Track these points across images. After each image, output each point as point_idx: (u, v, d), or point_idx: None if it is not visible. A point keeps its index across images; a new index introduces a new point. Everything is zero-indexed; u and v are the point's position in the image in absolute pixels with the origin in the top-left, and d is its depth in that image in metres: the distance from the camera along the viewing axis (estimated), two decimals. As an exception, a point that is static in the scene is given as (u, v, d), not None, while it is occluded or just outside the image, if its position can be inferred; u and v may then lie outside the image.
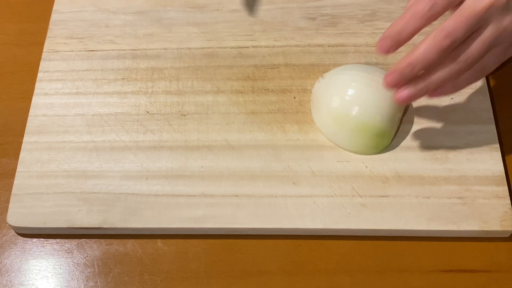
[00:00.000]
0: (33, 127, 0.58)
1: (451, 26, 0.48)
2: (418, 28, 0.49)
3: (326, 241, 0.53)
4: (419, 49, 0.49)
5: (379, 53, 0.49)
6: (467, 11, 0.48)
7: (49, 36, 0.63)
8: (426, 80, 0.50)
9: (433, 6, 0.48)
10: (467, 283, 0.52)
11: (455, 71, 0.50)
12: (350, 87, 0.55)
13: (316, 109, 0.57)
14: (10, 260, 0.53)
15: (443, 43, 0.48)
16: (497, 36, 0.49)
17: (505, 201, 0.53)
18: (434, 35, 0.48)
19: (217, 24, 0.64)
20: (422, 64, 0.49)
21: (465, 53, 0.49)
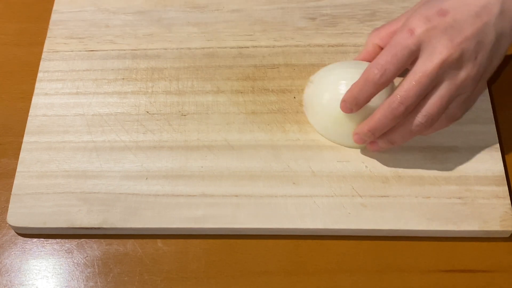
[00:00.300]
0: (33, 127, 0.58)
1: (403, 92, 0.50)
2: (372, 94, 0.51)
3: (326, 241, 0.53)
4: (376, 117, 0.51)
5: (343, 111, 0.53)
6: (418, 75, 0.49)
7: (49, 36, 0.63)
8: (391, 138, 0.53)
9: (384, 73, 0.50)
10: (467, 283, 0.52)
11: (417, 129, 0.51)
12: (341, 84, 0.55)
13: (312, 112, 0.57)
14: (10, 260, 0.53)
15: (397, 111, 0.50)
16: (454, 90, 0.50)
17: (505, 201, 0.53)
18: (388, 103, 0.50)
19: (217, 24, 0.64)
20: (381, 130, 0.52)
21: (424, 111, 0.50)
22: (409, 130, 0.52)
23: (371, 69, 0.50)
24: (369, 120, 0.52)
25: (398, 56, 0.49)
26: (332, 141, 0.57)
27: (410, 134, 0.52)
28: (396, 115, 0.50)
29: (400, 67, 0.50)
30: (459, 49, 0.48)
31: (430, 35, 0.49)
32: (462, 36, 0.48)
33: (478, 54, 0.49)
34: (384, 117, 0.51)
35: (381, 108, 0.51)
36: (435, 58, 0.48)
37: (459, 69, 0.49)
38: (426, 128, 0.51)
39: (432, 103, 0.50)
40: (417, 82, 0.49)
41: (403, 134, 0.52)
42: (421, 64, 0.49)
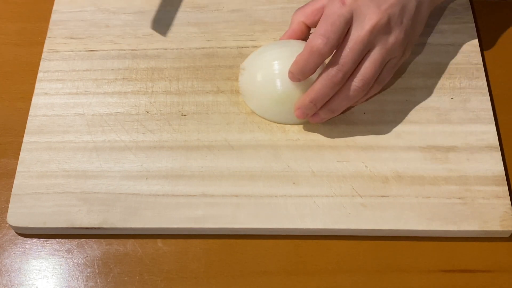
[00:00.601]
0: (33, 127, 0.58)
1: (340, 59, 0.52)
2: (318, 63, 0.53)
3: (326, 241, 0.53)
4: (316, 87, 0.53)
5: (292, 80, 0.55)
6: (352, 42, 0.52)
7: (49, 36, 0.63)
8: (331, 107, 0.55)
9: (328, 41, 0.52)
10: (467, 283, 0.52)
11: (355, 94, 0.54)
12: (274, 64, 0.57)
13: (251, 97, 0.58)
14: (10, 260, 0.53)
15: (335, 78, 0.53)
16: (385, 54, 0.53)
17: (505, 201, 0.53)
18: (327, 72, 0.53)
19: (217, 24, 0.64)
20: (323, 99, 0.54)
21: (360, 75, 0.53)
22: (347, 96, 0.54)
23: (314, 40, 0.52)
24: (310, 92, 0.54)
25: (336, 24, 0.52)
26: (275, 122, 0.58)
27: (348, 100, 0.55)
28: (335, 82, 0.53)
29: (340, 35, 0.52)
30: (386, 14, 0.52)
31: (359, 4, 0.52)
32: (388, 2, 0.52)
33: (403, 18, 0.53)
34: (324, 86, 0.53)
35: (320, 78, 0.53)
36: (366, 24, 0.52)
37: (388, 33, 0.53)
38: (363, 92, 0.54)
39: (366, 68, 0.53)
40: (352, 48, 0.52)
41: (341, 101, 0.55)
42: (354, 31, 0.52)
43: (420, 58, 0.61)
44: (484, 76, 0.60)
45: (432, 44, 0.62)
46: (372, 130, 0.57)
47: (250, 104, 0.58)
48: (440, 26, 0.63)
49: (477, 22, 0.64)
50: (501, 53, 0.63)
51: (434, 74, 0.60)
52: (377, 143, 0.56)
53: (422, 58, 0.61)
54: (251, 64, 0.59)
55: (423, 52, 0.61)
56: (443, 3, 0.64)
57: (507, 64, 0.62)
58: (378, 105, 0.59)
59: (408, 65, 0.61)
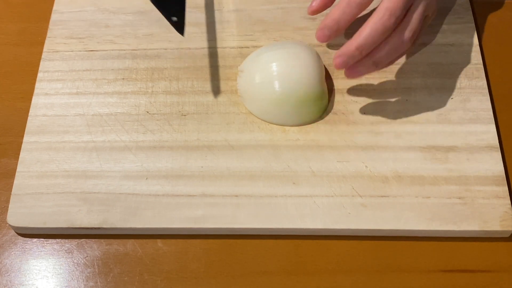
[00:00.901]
0: (33, 127, 0.58)
1: (392, 4, 0.50)
2: (354, 15, 0.51)
3: (326, 241, 0.53)
4: (366, 32, 0.51)
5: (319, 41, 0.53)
6: None
7: (49, 36, 0.63)
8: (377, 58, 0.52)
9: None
10: (467, 283, 0.52)
11: (405, 45, 0.52)
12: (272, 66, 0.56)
13: (250, 100, 0.58)
14: (10, 260, 0.53)
15: (388, 22, 0.50)
16: (426, 8, 0.53)
17: (505, 201, 0.53)
18: (378, 16, 0.50)
19: (217, 24, 0.64)
20: (370, 46, 0.51)
21: (410, 26, 0.51)
22: (396, 47, 0.52)
23: None
24: (357, 37, 0.51)
25: None
26: (275, 124, 0.57)
27: (396, 52, 0.53)
28: (387, 26, 0.50)
29: None
30: None
31: None
32: None
33: None
34: (374, 31, 0.51)
35: (369, 23, 0.51)
36: None
37: None
38: (411, 43, 0.53)
39: (415, 19, 0.52)
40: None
41: (390, 52, 0.52)
42: None
43: (420, 58, 0.61)
44: (484, 76, 0.60)
45: (432, 44, 0.62)
46: (372, 130, 0.57)
47: (249, 106, 0.58)
48: (440, 26, 0.63)
49: (477, 22, 0.64)
50: (501, 53, 0.63)
51: (434, 74, 0.60)
52: (377, 143, 0.56)
53: (422, 58, 0.61)
54: (249, 66, 0.59)
55: (423, 52, 0.61)
56: (443, 2, 0.64)
57: (507, 64, 0.62)
58: (378, 105, 0.59)
59: (408, 65, 0.61)
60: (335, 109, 0.58)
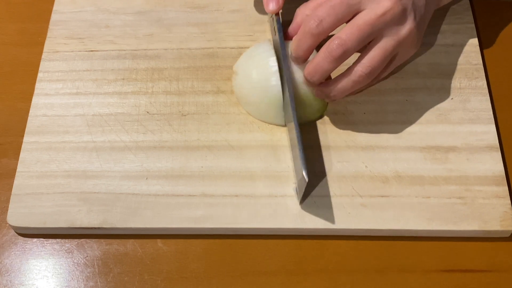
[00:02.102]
0: (33, 127, 0.58)
1: (344, 36, 0.50)
2: (311, 45, 0.52)
3: (326, 241, 0.53)
4: (315, 60, 0.52)
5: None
6: (360, 22, 0.50)
7: (49, 36, 0.63)
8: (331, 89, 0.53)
9: (320, 23, 0.51)
10: (467, 283, 0.52)
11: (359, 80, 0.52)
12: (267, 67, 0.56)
13: (246, 101, 0.58)
14: (10, 260, 0.53)
15: (335, 52, 0.51)
16: (396, 45, 0.52)
17: (505, 201, 0.53)
18: (328, 45, 0.51)
19: (217, 24, 0.64)
20: (319, 74, 0.52)
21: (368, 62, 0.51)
22: (350, 80, 0.52)
23: (307, 20, 0.51)
24: (308, 64, 0.53)
25: (335, 8, 0.51)
26: (273, 124, 0.57)
27: (350, 86, 0.53)
28: (335, 56, 0.51)
29: (337, 20, 0.51)
30: (401, 4, 0.51)
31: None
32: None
33: (415, 12, 0.52)
34: (322, 59, 0.51)
35: (320, 51, 0.52)
36: (378, 9, 0.50)
37: (402, 24, 0.51)
38: (368, 79, 0.52)
39: (375, 55, 0.51)
40: (358, 28, 0.50)
41: (343, 84, 0.53)
42: (364, 14, 0.51)
43: (420, 58, 0.61)
44: (484, 76, 0.60)
45: (432, 44, 0.62)
46: (372, 130, 0.57)
47: (246, 107, 0.58)
48: (440, 26, 0.63)
49: (477, 22, 0.64)
50: (501, 53, 0.63)
51: (434, 74, 0.60)
52: (377, 143, 0.56)
53: (422, 58, 0.61)
54: (243, 67, 0.59)
55: (423, 52, 0.61)
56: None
57: (507, 64, 0.62)
58: (378, 105, 0.59)
59: (408, 65, 0.61)
60: (335, 109, 0.58)
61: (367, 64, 0.51)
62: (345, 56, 0.51)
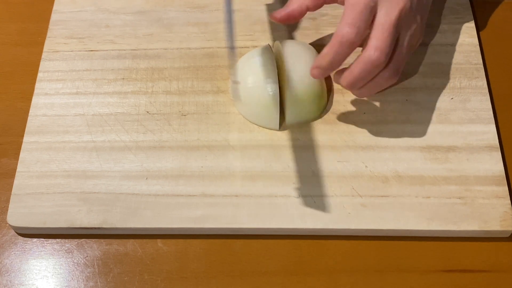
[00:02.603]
0: (33, 127, 0.58)
1: (380, 42, 0.51)
2: (347, 54, 0.52)
3: (326, 241, 0.53)
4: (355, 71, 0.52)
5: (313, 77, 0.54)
6: (386, 25, 0.51)
7: (49, 36, 0.63)
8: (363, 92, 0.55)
9: (358, 31, 0.51)
10: (467, 283, 0.52)
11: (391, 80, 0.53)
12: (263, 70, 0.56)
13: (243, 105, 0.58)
14: (10, 260, 0.53)
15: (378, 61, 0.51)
16: (410, 39, 0.53)
17: (505, 201, 0.53)
18: (367, 55, 0.51)
19: (217, 24, 0.64)
20: (359, 84, 0.53)
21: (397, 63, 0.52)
22: (380, 83, 0.53)
23: (344, 29, 0.51)
24: (347, 75, 0.53)
25: (364, 13, 0.51)
26: (267, 128, 0.57)
27: (381, 87, 0.54)
28: (377, 65, 0.51)
29: (367, 23, 0.51)
30: (409, 1, 0.52)
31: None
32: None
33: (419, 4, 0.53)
34: (364, 71, 0.52)
35: (359, 62, 0.51)
36: (394, 8, 0.51)
37: (412, 18, 0.53)
38: (396, 78, 0.53)
39: (402, 53, 0.53)
40: (388, 31, 0.51)
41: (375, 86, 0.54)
42: (384, 15, 0.51)
43: (420, 58, 0.61)
44: (484, 76, 0.60)
45: (432, 44, 0.62)
46: (372, 130, 0.57)
47: (241, 110, 0.58)
48: (440, 26, 0.63)
49: (477, 22, 0.64)
50: (501, 53, 0.63)
51: (434, 74, 0.60)
52: (377, 143, 0.56)
53: (422, 58, 0.61)
54: (240, 69, 0.58)
55: (423, 52, 0.61)
56: (443, 3, 0.64)
57: (507, 64, 0.62)
58: (378, 105, 0.59)
59: (408, 65, 0.61)
60: (335, 109, 0.58)
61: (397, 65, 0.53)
62: (386, 62, 0.51)
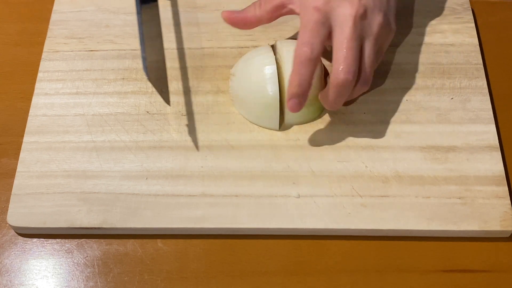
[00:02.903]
0: (33, 127, 0.58)
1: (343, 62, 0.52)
2: (312, 71, 0.52)
3: (326, 241, 0.53)
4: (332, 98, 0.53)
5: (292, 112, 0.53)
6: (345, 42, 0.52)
7: (49, 36, 0.63)
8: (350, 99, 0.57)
9: (313, 48, 0.52)
10: (467, 283, 0.52)
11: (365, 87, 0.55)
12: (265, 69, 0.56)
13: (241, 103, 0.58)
14: (10, 260, 0.53)
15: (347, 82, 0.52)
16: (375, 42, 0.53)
17: (505, 201, 0.53)
18: (336, 79, 0.52)
19: (217, 24, 0.64)
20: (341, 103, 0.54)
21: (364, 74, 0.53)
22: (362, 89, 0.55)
23: (301, 49, 0.52)
24: (326, 102, 0.54)
25: (316, 30, 0.52)
26: (267, 128, 0.57)
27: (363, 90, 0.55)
28: (347, 86, 0.52)
29: (322, 39, 0.52)
30: (362, 5, 0.52)
31: (332, 5, 0.52)
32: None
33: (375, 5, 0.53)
34: (338, 95, 0.53)
35: (331, 87, 0.53)
36: (347, 21, 0.52)
37: (370, 22, 0.53)
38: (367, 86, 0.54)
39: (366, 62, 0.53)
40: (346, 48, 0.52)
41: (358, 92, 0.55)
42: (339, 32, 0.52)
43: (420, 58, 0.61)
44: (484, 76, 0.60)
45: (432, 44, 0.62)
46: (372, 130, 0.57)
47: (240, 110, 0.58)
48: (440, 26, 0.63)
49: (477, 22, 0.64)
50: (501, 53, 0.63)
51: (434, 74, 0.60)
52: (377, 143, 0.56)
53: (422, 58, 0.61)
54: (241, 69, 0.58)
55: (423, 52, 0.61)
56: (443, 3, 0.64)
57: (507, 64, 0.62)
58: (378, 105, 0.59)
59: (408, 65, 0.61)
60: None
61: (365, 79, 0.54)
62: (355, 77, 0.52)
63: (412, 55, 0.61)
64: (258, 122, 0.57)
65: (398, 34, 0.62)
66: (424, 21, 0.63)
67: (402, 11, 0.64)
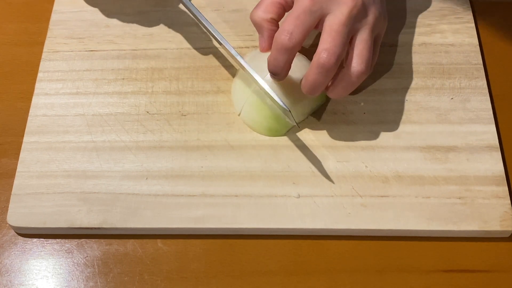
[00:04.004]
0: (33, 127, 0.58)
1: (328, 45, 0.51)
2: (287, 60, 0.52)
3: (326, 241, 0.53)
4: (310, 78, 0.52)
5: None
6: (335, 27, 0.51)
7: (49, 36, 0.63)
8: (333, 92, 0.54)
9: (291, 37, 0.51)
10: (467, 283, 0.52)
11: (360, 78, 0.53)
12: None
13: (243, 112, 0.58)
14: (10, 260, 0.53)
15: (328, 64, 0.51)
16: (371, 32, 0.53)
17: (505, 201, 0.53)
18: (317, 59, 0.51)
19: (217, 24, 0.64)
20: (319, 89, 0.52)
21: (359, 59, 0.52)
22: (351, 82, 0.53)
23: (278, 36, 0.52)
24: (304, 82, 0.53)
25: (301, 18, 0.51)
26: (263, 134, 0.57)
27: (353, 85, 0.53)
28: (328, 68, 0.51)
29: (305, 29, 0.51)
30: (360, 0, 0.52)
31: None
32: None
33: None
34: (317, 75, 0.51)
35: (311, 68, 0.52)
36: (343, 9, 0.51)
37: (367, 13, 0.52)
38: (367, 74, 0.53)
39: (361, 49, 0.52)
40: (337, 31, 0.51)
41: (345, 87, 0.53)
42: (333, 18, 0.51)
43: (420, 58, 0.61)
44: (484, 76, 0.60)
45: (432, 44, 0.62)
46: (372, 130, 0.57)
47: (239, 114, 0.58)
48: (440, 26, 0.63)
49: (477, 22, 0.64)
50: (501, 53, 0.63)
51: (434, 74, 0.60)
52: (377, 143, 0.57)
53: (422, 58, 0.61)
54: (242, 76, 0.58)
55: (423, 52, 0.61)
56: (443, 3, 0.64)
57: (507, 64, 0.62)
58: (378, 105, 0.59)
59: (408, 65, 0.61)
60: (335, 109, 0.58)
61: (359, 61, 0.52)
62: (338, 62, 0.51)
63: (412, 55, 0.61)
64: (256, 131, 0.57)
65: (398, 34, 0.62)
66: (424, 21, 0.63)
67: (402, 11, 0.64)
